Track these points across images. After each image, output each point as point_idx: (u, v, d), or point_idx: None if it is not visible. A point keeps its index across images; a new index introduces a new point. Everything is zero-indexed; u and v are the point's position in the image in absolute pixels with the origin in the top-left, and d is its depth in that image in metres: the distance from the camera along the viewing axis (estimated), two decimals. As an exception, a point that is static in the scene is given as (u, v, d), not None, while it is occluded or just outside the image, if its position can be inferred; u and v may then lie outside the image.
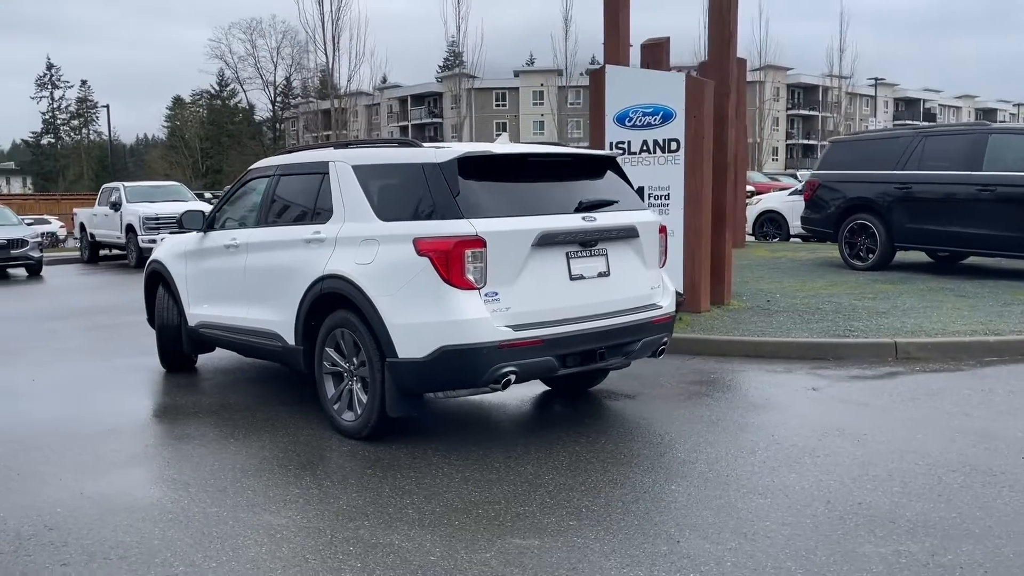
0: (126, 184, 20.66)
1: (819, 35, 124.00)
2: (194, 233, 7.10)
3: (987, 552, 3.48)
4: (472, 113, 71.31)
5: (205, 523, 3.99)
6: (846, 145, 13.23)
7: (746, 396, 6.25)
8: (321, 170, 5.73)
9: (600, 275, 5.24)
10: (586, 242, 5.16)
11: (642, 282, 5.53)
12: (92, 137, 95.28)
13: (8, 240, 18.23)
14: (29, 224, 21.82)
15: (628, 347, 5.37)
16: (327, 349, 5.45)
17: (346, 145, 5.83)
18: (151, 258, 7.76)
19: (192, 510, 4.16)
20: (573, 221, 5.09)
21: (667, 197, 9.31)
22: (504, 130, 73.85)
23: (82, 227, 22.29)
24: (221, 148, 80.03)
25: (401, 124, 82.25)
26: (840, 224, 12.61)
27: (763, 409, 5.82)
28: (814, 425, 5.37)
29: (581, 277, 5.14)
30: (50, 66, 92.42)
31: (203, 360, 7.78)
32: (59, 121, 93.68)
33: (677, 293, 8.66)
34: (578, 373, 5.68)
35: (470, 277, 4.73)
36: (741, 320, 8.62)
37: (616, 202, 5.42)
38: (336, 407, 5.44)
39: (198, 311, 6.94)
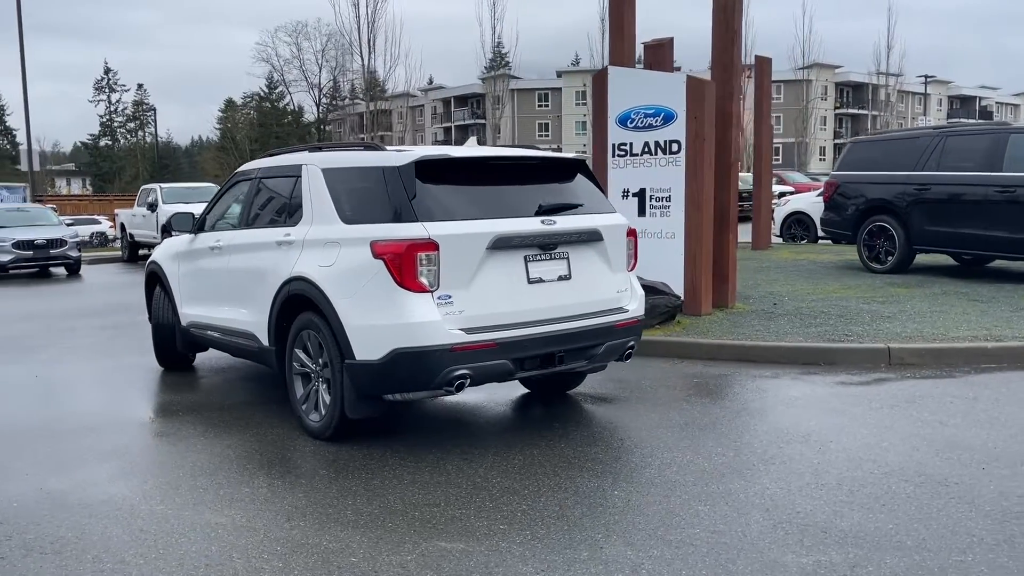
0: (163, 185, 21.15)
1: (867, 32, 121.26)
2: (188, 234, 7.26)
3: (910, 565, 3.40)
4: (515, 114, 71.43)
5: (148, 521, 4.09)
6: (866, 145, 12.96)
7: (722, 401, 6.17)
8: (295, 173, 5.82)
9: (561, 278, 5.23)
10: (546, 245, 5.15)
11: (607, 285, 5.51)
12: (147, 139, 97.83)
13: (48, 240, 18.83)
14: (70, 224, 22.46)
15: (590, 351, 5.35)
16: (296, 350, 5.53)
17: (319, 148, 5.91)
18: (150, 258, 7.95)
19: (140, 508, 4.27)
20: (531, 224, 5.09)
21: (668, 199, 9.23)
22: (547, 131, 73.81)
23: (123, 227, 22.90)
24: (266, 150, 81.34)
25: (444, 125, 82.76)
26: (859, 226, 12.36)
27: (735, 414, 5.75)
28: (781, 431, 5.29)
29: (540, 280, 5.14)
30: (107, 70, 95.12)
31: (201, 359, 7.95)
32: (115, 124, 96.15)
33: (674, 296, 8.62)
34: (554, 376, 5.76)
35: (423, 280, 4.77)
36: (740, 323, 8.52)
37: (580, 205, 5.41)
38: (304, 407, 5.52)
39: (189, 311, 7.09)
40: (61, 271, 19.66)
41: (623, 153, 9.52)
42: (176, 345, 7.46)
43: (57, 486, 4.62)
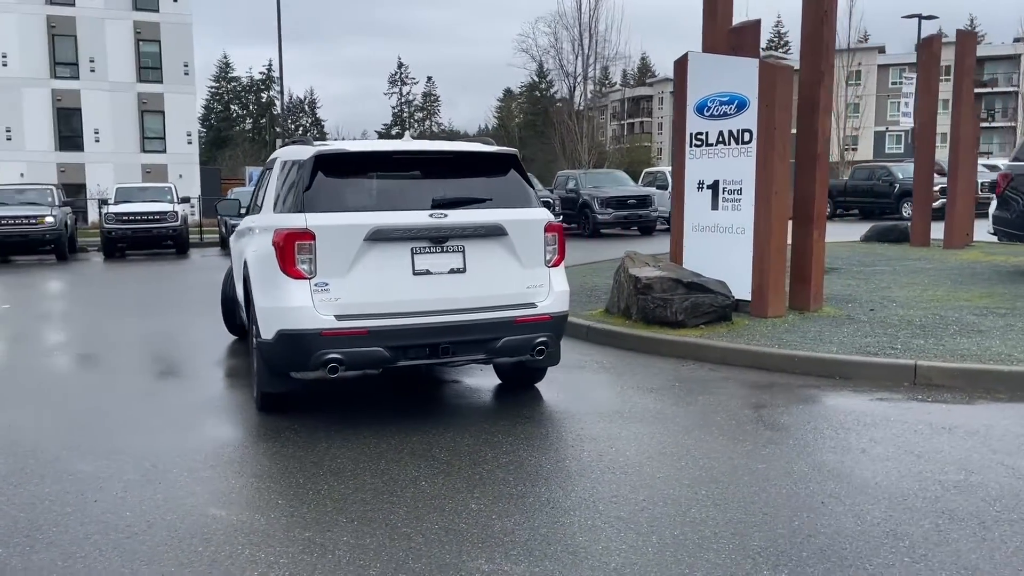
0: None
1: None
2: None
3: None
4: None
5: (30, 463, 4.83)
6: (1045, 131, 11.11)
7: (662, 411, 5.82)
8: (271, 166, 6.38)
9: (453, 271, 5.29)
10: (436, 239, 5.25)
11: (513, 280, 5.47)
12: (434, 128, 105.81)
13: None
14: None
15: (487, 344, 5.36)
16: (254, 326, 6.10)
17: (295, 143, 6.41)
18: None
19: (43, 445, 5.05)
20: (416, 218, 5.21)
21: (739, 192, 8.71)
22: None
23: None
24: (539, 137, 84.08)
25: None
26: (1031, 225, 10.71)
27: (650, 422, 5.45)
28: (677, 446, 4.97)
29: (427, 272, 5.25)
30: (400, 65, 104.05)
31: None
32: (405, 114, 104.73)
33: (723, 295, 8.13)
34: (517, 369, 6.07)
35: (300, 268, 5.10)
36: (798, 329, 7.86)
37: (486, 200, 5.43)
38: (256, 380, 6.07)
39: (236, 286, 7.96)
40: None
41: (699, 143, 9.10)
42: (236, 316, 8.38)
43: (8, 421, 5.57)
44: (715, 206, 8.98)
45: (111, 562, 3.53)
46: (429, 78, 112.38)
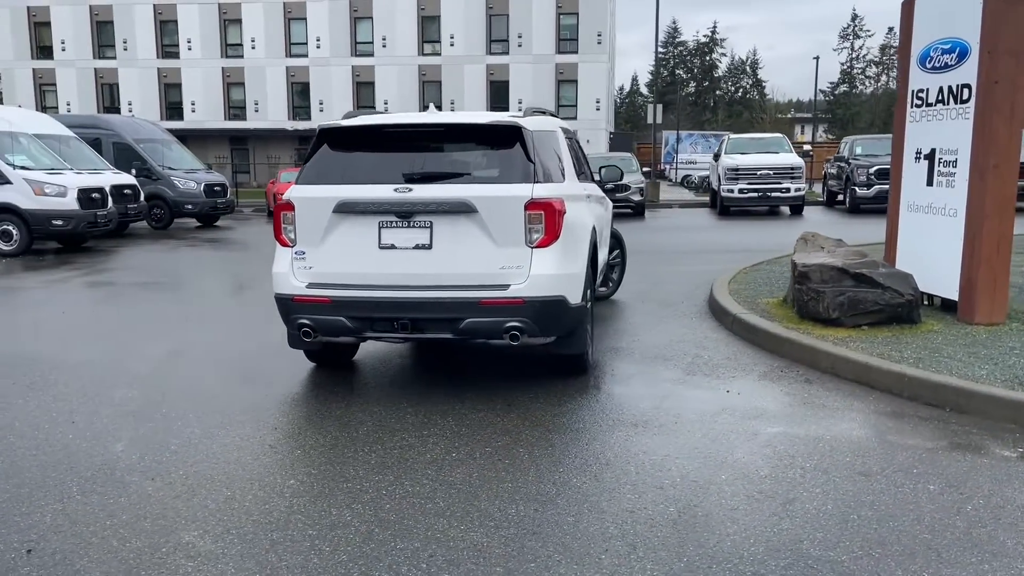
0: (731, 136, 22.06)
1: None
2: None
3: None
4: None
5: (84, 389, 5.87)
6: None
7: (665, 425, 5.01)
8: None
9: (418, 247, 5.15)
10: (402, 213, 5.15)
11: (485, 259, 5.12)
12: (891, 85, 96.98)
13: (615, 185, 21.68)
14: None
15: (451, 324, 5.13)
16: None
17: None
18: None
19: (87, 384, 6.10)
20: (381, 192, 5.15)
21: (954, 164, 6.97)
22: None
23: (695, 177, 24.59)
24: None
25: None
26: None
27: (635, 436, 4.76)
28: (636, 451, 4.35)
29: (392, 247, 5.18)
30: (854, 17, 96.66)
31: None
32: (855, 71, 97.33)
33: (895, 291, 6.63)
34: (555, 357, 5.83)
35: (285, 236, 5.42)
36: (986, 343, 6.15)
37: (461, 175, 5.15)
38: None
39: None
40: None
41: (919, 102, 7.42)
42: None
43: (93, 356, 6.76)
44: (930, 181, 7.25)
45: (-16, 474, 4.28)
46: (890, 29, 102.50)
